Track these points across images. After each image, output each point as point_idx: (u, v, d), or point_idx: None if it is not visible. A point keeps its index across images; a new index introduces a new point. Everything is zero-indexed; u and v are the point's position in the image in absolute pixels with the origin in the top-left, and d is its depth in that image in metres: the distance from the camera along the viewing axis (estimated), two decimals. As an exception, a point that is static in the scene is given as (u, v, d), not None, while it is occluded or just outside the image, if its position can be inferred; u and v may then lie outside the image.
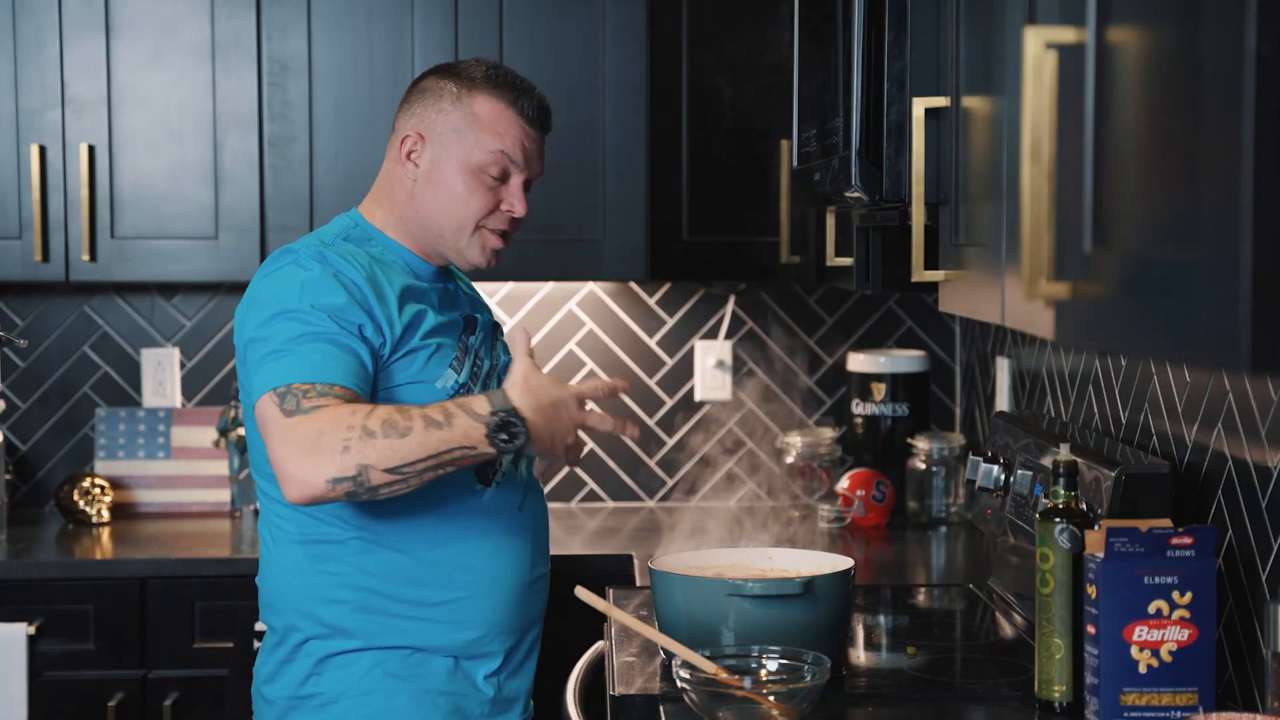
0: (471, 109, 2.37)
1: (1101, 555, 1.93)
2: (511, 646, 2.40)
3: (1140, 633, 1.93)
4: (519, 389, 2.18)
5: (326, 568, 2.31)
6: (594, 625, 2.66)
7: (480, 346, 2.43)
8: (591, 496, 3.89)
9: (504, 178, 2.38)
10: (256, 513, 3.70)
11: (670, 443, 3.88)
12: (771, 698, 1.96)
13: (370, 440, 2.11)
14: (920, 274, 2.10)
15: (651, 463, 3.88)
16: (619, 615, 2.21)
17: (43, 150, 3.43)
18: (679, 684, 1.98)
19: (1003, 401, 3.38)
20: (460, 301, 2.46)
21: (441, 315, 2.37)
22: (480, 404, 2.17)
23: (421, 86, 2.42)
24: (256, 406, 2.20)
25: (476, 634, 2.35)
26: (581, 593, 2.22)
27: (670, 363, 3.88)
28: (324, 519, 2.31)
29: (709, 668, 2.01)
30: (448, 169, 2.36)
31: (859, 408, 3.71)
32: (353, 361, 2.22)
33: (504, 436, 2.15)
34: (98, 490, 3.64)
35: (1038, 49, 1.41)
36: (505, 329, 2.57)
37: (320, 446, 2.11)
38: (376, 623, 2.31)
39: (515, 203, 2.39)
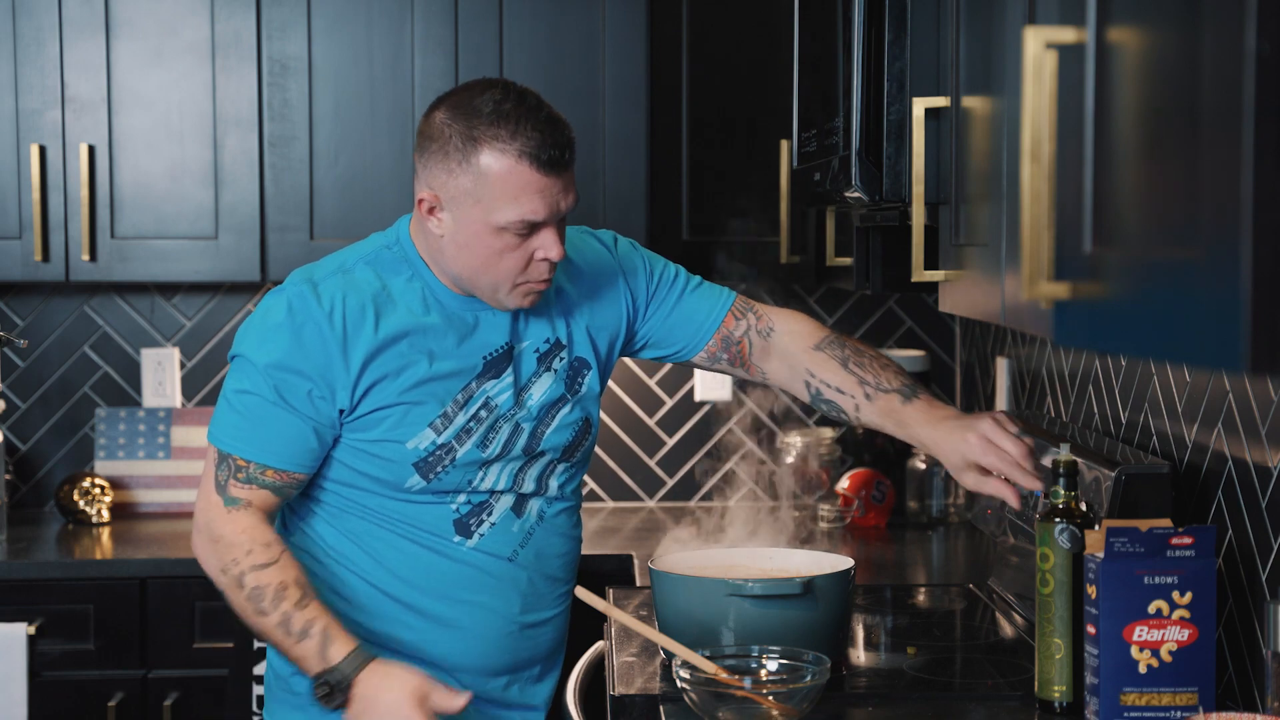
0: (480, 170, 2.15)
1: (1101, 555, 1.93)
2: (503, 685, 2.34)
3: (1140, 633, 1.93)
4: (374, 681, 2.11)
5: (310, 570, 2.27)
6: (594, 625, 2.65)
7: (499, 393, 2.27)
8: (591, 496, 3.88)
9: (531, 231, 2.18)
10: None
11: (670, 443, 3.88)
12: (771, 698, 1.96)
13: (236, 590, 2.19)
14: (920, 274, 2.10)
15: (651, 463, 3.88)
16: (619, 615, 2.20)
17: (43, 150, 3.43)
18: (679, 684, 1.98)
19: (1003, 401, 3.38)
20: (499, 332, 2.28)
21: (442, 363, 2.23)
22: (337, 652, 2.12)
23: (430, 129, 2.20)
24: (208, 438, 2.25)
25: (450, 675, 2.27)
26: (581, 593, 2.21)
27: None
28: (306, 530, 2.31)
29: (709, 668, 2.01)
30: (469, 231, 2.18)
31: (859, 408, 3.70)
32: (285, 437, 2.20)
33: (322, 694, 2.13)
34: (98, 490, 3.64)
35: (1038, 49, 1.41)
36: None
37: (214, 550, 2.21)
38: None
39: (550, 250, 2.19)
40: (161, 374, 3.83)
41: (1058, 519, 2.04)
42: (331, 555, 2.29)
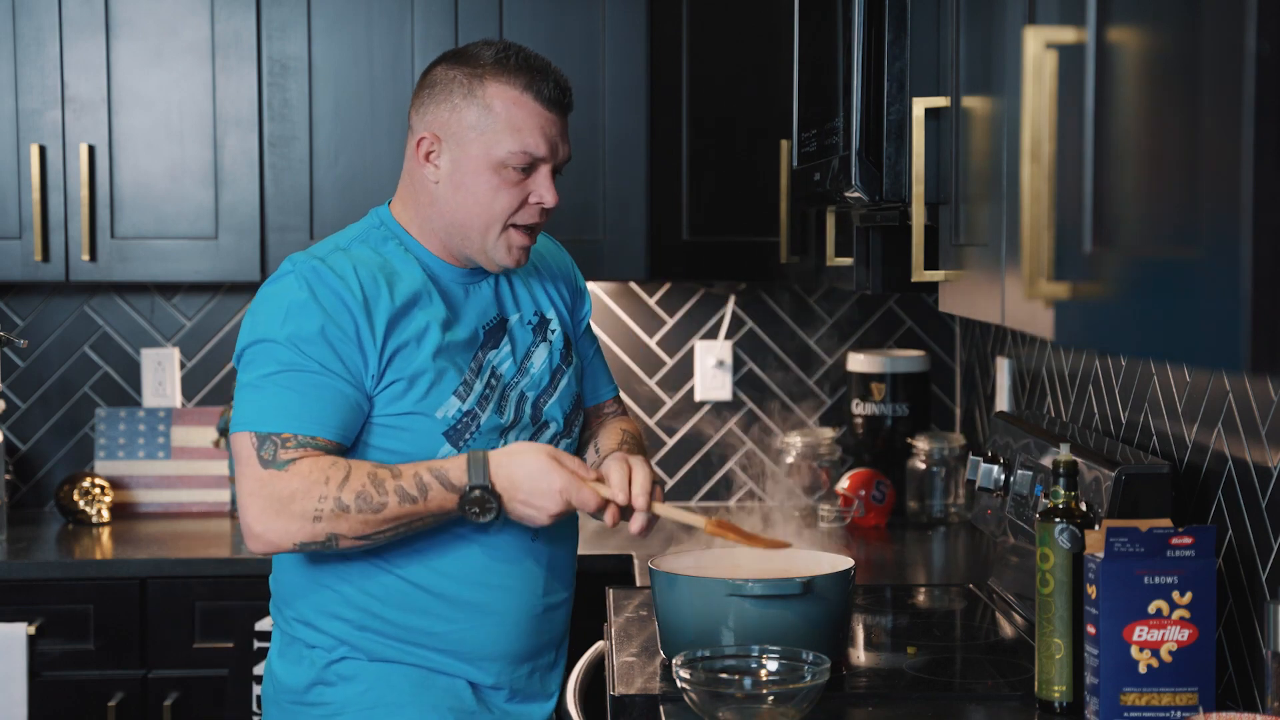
0: (485, 102, 2.22)
1: (1101, 555, 1.93)
2: (527, 672, 2.33)
3: (1140, 633, 1.93)
4: (504, 461, 2.14)
5: (329, 584, 2.26)
6: (594, 625, 2.66)
7: (501, 361, 2.31)
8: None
9: (530, 169, 2.24)
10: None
11: (670, 443, 3.89)
12: (771, 698, 1.96)
13: (343, 514, 2.12)
14: (920, 274, 2.10)
15: (651, 462, 3.87)
16: (675, 514, 2.23)
17: (43, 150, 3.43)
18: (679, 684, 1.98)
19: (1003, 401, 3.38)
20: (490, 305, 2.33)
21: (453, 332, 2.26)
22: (458, 473, 2.13)
23: (431, 79, 2.27)
24: (233, 438, 2.18)
25: (480, 665, 2.28)
26: (660, 508, 2.21)
27: (670, 363, 3.88)
28: None
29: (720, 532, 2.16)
30: (469, 169, 2.23)
31: (859, 408, 3.71)
32: (333, 404, 2.17)
33: (475, 510, 2.13)
34: (98, 490, 3.64)
35: (1038, 49, 1.41)
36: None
37: (291, 511, 2.12)
38: (378, 642, 2.26)
39: (544, 194, 2.25)
40: (161, 374, 3.83)
41: (1058, 519, 2.04)
42: (361, 554, 2.25)
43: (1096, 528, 2.04)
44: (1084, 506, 2.09)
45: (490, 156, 2.22)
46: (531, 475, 2.13)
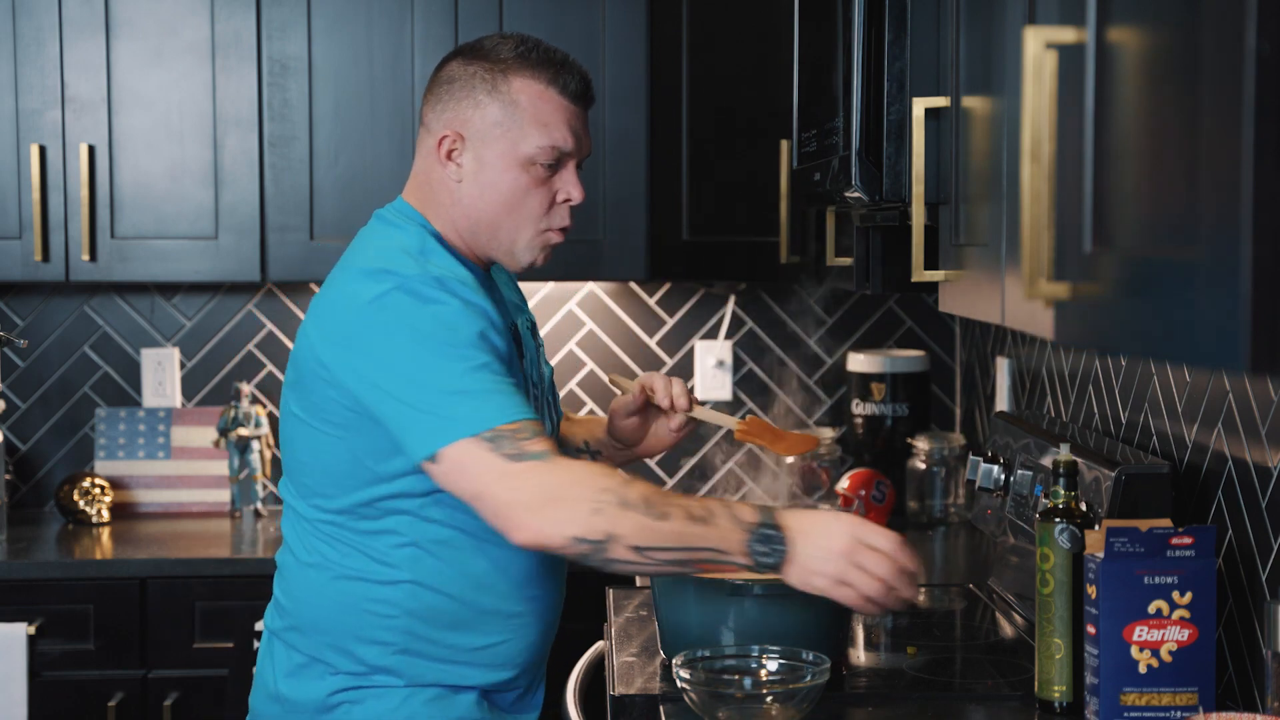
0: (510, 96, 2.15)
1: (1101, 555, 1.93)
2: (532, 681, 2.30)
3: (1140, 633, 1.93)
4: (805, 518, 2.00)
5: (372, 608, 2.16)
6: (594, 625, 2.66)
7: (530, 367, 2.25)
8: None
9: (557, 165, 2.18)
10: (256, 513, 3.70)
11: (670, 443, 3.88)
12: (771, 698, 1.95)
13: (626, 511, 1.96)
14: (920, 274, 2.10)
15: (651, 463, 3.88)
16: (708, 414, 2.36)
17: (43, 150, 3.43)
18: (679, 684, 1.98)
19: (1003, 401, 3.38)
20: (500, 310, 2.20)
21: (502, 336, 2.14)
22: (746, 510, 2.00)
23: (448, 75, 2.19)
24: (446, 454, 1.99)
25: (511, 673, 2.23)
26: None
27: (670, 363, 3.88)
28: (379, 559, 2.16)
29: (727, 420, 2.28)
30: (495, 167, 2.16)
31: (859, 408, 3.71)
32: (523, 393, 2.07)
33: (763, 550, 1.97)
34: (98, 490, 3.64)
35: (1038, 49, 1.41)
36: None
37: (565, 500, 1.97)
38: (415, 664, 2.18)
39: (572, 190, 2.19)
40: (161, 374, 3.83)
41: (1058, 519, 2.04)
42: (405, 577, 2.16)
43: (1096, 528, 2.04)
44: (1084, 506, 2.09)
45: (517, 153, 2.15)
46: (824, 519, 2.02)
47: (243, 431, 3.68)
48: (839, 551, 1.98)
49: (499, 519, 2.00)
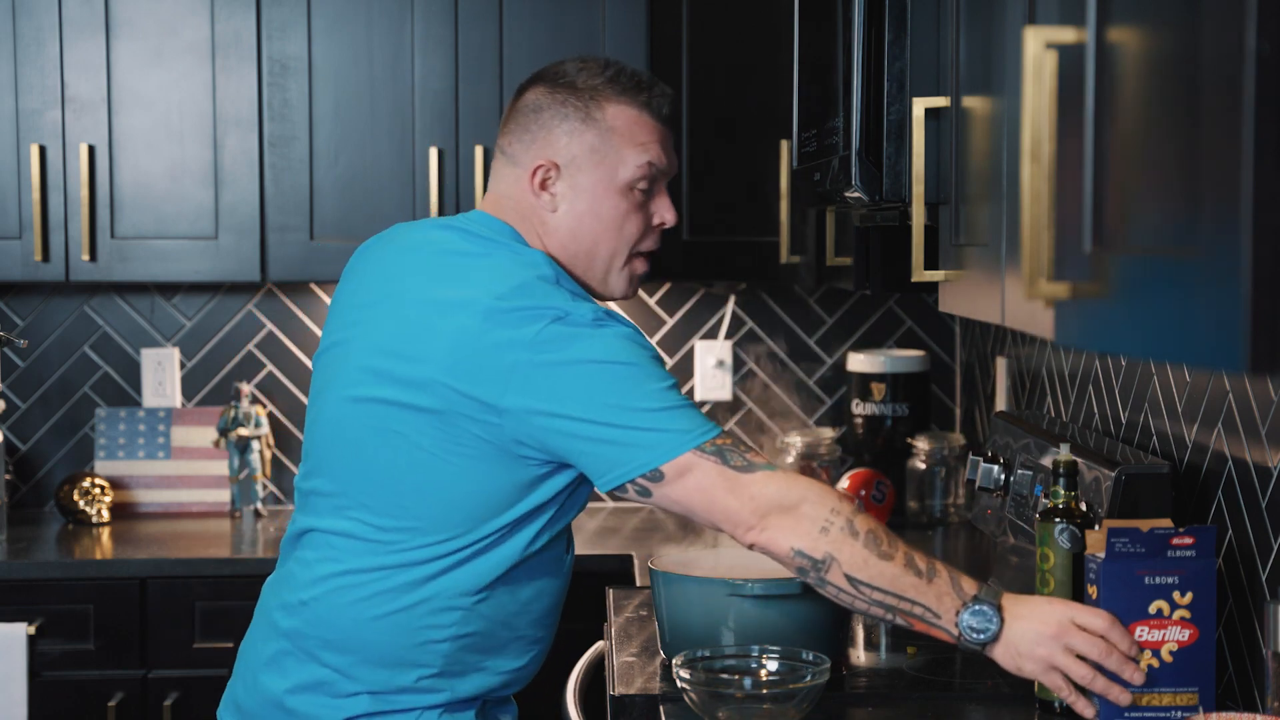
0: (605, 123, 2.15)
1: (1102, 555, 1.93)
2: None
3: (1141, 633, 1.93)
4: (1023, 603, 1.95)
5: (426, 634, 2.12)
6: (594, 625, 2.66)
7: None
8: (592, 496, 3.88)
9: (650, 189, 2.19)
10: (257, 513, 3.70)
11: (670, 443, 3.88)
12: (771, 698, 1.95)
13: (851, 539, 1.95)
14: (920, 274, 2.10)
15: (651, 463, 3.87)
16: None
17: (43, 150, 3.43)
18: (679, 684, 1.98)
19: (1002, 401, 3.38)
20: None
21: None
22: (968, 582, 1.95)
23: (533, 105, 2.17)
24: (672, 468, 1.97)
25: (522, 686, 2.23)
26: None
27: (670, 363, 3.88)
28: (449, 581, 2.11)
29: None
30: (593, 194, 2.16)
31: (859, 408, 3.71)
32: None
33: (973, 625, 1.93)
34: (98, 490, 3.64)
35: (1038, 49, 1.41)
36: None
37: (799, 514, 1.96)
38: (445, 683, 2.14)
39: (665, 213, 2.21)
40: (161, 374, 3.83)
41: (1058, 519, 2.04)
42: (462, 608, 2.12)
43: (1096, 528, 2.04)
44: (1084, 506, 2.09)
45: (617, 179, 2.16)
46: (1041, 602, 1.97)
47: (243, 431, 3.69)
48: (1050, 635, 1.91)
49: (728, 523, 1.99)
